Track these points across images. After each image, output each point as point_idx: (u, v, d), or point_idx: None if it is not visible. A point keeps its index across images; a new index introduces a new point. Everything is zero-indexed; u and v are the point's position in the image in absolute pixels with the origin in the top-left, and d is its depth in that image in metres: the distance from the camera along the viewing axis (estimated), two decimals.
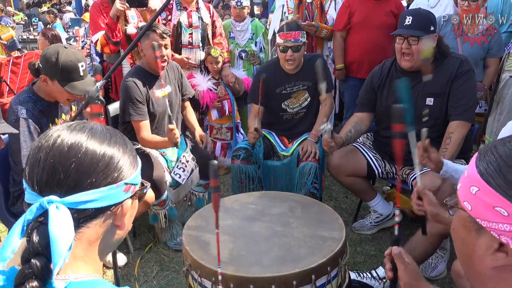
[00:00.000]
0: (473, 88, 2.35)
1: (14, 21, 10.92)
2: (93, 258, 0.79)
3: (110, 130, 0.82)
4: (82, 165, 0.74)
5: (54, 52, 2.01)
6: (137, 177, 0.83)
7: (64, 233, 0.68)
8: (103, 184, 0.75)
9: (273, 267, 1.52)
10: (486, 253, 0.74)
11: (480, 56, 3.27)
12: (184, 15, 3.38)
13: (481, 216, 0.74)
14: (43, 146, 0.75)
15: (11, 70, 4.10)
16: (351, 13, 3.43)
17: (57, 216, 0.69)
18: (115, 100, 3.14)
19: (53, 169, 0.72)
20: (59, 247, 0.67)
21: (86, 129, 0.78)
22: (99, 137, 0.78)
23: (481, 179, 0.74)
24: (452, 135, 2.25)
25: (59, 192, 0.72)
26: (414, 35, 2.26)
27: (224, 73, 3.58)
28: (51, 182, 0.72)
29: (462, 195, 0.79)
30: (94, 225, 0.76)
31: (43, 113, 2.10)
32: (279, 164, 2.82)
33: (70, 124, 0.79)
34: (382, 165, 2.63)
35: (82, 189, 0.73)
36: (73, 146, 0.74)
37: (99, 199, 0.74)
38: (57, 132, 0.77)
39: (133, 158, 0.82)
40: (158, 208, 2.62)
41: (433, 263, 2.36)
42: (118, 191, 0.77)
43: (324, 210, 1.89)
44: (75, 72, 2.03)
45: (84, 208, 0.73)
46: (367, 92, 2.62)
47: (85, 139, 0.76)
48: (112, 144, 0.79)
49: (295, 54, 2.73)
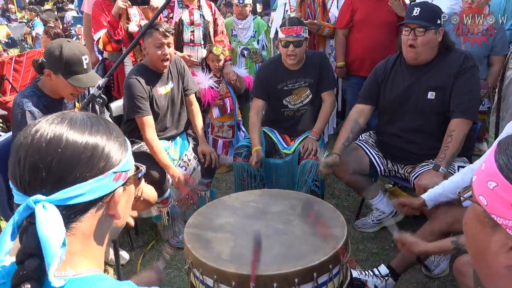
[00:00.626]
0: (477, 85, 2.34)
1: (17, 19, 10.94)
2: (92, 252, 0.77)
3: (92, 118, 0.77)
4: (63, 160, 0.70)
5: (57, 46, 2.03)
6: (128, 163, 0.79)
7: (54, 232, 0.66)
8: (89, 177, 0.71)
9: (275, 265, 1.52)
10: (500, 250, 0.71)
11: (482, 54, 3.25)
12: (185, 13, 3.38)
13: (497, 212, 0.70)
14: (22, 144, 0.71)
15: (14, 68, 4.12)
16: (353, 11, 3.42)
17: (44, 216, 0.66)
18: (117, 98, 3.15)
19: (35, 168, 0.69)
20: (50, 246, 0.65)
21: (65, 120, 0.74)
22: (79, 127, 0.74)
23: (500, 174, 0.70)
24: (453, 133, 2.25)
25: (44, 190, 0.69)
26: (421, 25, 2.26)
27: (225, 71, 3.58)
28: (34, 181, 0.69)
29: (478, 188, 0.75)
30: (86, 219, 0.74)
31: (47, 109, 2.10)
32: (281, 162, 2.82)
33: (49, 117, 0.75)
34: (384, 163, 2.63)
35: (68, 185, 0.70)
36: (52, 140, 0.71)
37: (86, 192, 0.71)
38: (35, 127, 0.73)
39: (120, 144, 0.78)
40: (160, 206, 2.63)
41: (435, 261, 2.35)
42: (106, 182, 0.74)
43: (326, 208, 1.89)
44: (78, 65, 2.04)
45: (72, 204, 0.71)
46: (370, 85, 2.61)
47: (64, 130, 0.72)
48: (94, 132, 0.74)
49: (297, 49, 2.73)
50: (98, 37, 3.15)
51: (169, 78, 2.74)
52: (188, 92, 2.90)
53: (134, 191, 0.84)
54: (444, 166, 2.22)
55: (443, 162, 2.22)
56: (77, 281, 0.71)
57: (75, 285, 0.71)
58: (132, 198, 0.84)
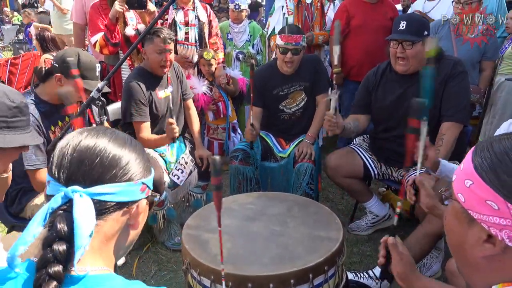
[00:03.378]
0: (466, 89, 2.38)
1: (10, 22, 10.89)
2: (107, 254, 0.83)
3: (131, 137, 0.89)
4: (105, 160, 0.80)
5: (74, 53, 2.12)
6: (151, 181, 0.89)
7: (87, 220, 0.73)
8: (122, 180, 0.81)
9: (271, 266, 1.54)
10: (476, 243, 0.79)
11: (478, 58, 3.30)
12: (180, 14, 3.40)
13: (473, 208, 0.78)
14: (70, 142, 0.81)
15: (9, 70, 4.11)
16: (349, 17, 3.45)
17: (81, 204, 0.74)
18: (114, 101, 3.16)
19: (80, 162, 0.78)
20: (82, 232, 0.72)
21: (108, 132, 0.85)
22: (120, 140, 0.85)
23: (476, 173, 0.77)
24: (444, 137, 2.28)
25: (82, 183, 0.77)
26: (408, 39, 2.30)
27: (217, 73, 3.58)
28: (76, 173, 0.78)
29: (457, 187, 0.82)
30: (111, 220, 0.81)
31: (45, 115, 2.11)
32: (276, 165, 2.85)
33: (93, 128, 0.87)
34: (378, 166, 2.66)
35: (104, 182, 0.78)
36: (98, 143, 0.81)
37: (118, 193, 0.80)
38: (82, 133, 0.83)
39: (148, 165, 0.88)
40: (156, 208, 2.64)
41: (428, 263, 2.39)
42: (135, 189, 0.83)
43: (322, 211, 1.91)
44: (93, 71, 2.15)
45: (104, 200, 0.78)
46: (362, 95, 2.65)
47: (107, 140, 0.83)
48: (132, 148, 0.85)
49: (294, 57, 2.75)
50: (95, 40, 3.16)
51: (169, 82, 2.76)
52: (186, 96, 2.93)
53: (147, 212, 0.91)
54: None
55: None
56: (93, 278, 0.76)
57: (91, 281, 0.75)
58: (146, 217, 0.91)
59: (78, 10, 3.55)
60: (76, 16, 3.58)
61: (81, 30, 3.64)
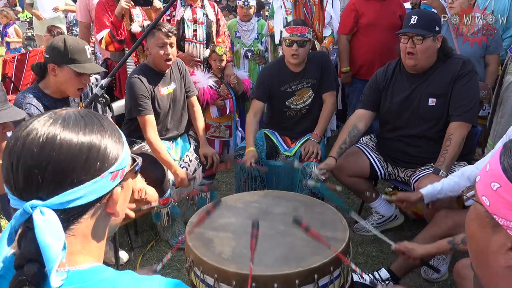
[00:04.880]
0: (475, 89, 2.36)
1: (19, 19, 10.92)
2: (92, 249, 0.76)
3: (85, 116, 0.74)
4: (59, 164, 0.67)
5: (60, 39, 2.09)
6: (124, 159, 0.76)
7: (53, 237, 0.64)
8: (86, 179, 0.69)
9: (276, 265, 1.52)
10: (499, 251, 0.72)
11: (480, 55, 3.26)
12: (188, 11, 3.39)
13: (499, 213, 0.71)
14: (14, 148, 0.68)
15: (16, 67, 4.12)
16: (357, 15, 3.42)
17: (43, 221, 0.64)
18: (119, 98, 3.15)
19: (29, 173, 0.67)
20: (50, 252, 0.63)
21: (58, 120, 0.71)
22: (72, 127, 0.70)
23: (504, 175, 0.71)
24: (452, 137, 2.26)
25: (40, 195, 0.67)
26: (419, 34, 2.27)
27: (227, 72, 3.58)
28: (29, 186, 0.67)
29: (481, 189, 0.76)
30: (85, 220, 0.73)
31: (49, 110, 2.10)
32: (281, 164, 2.83)
33: (41, 117, 0.72)
34: (384, 166, 2.63)
35: (65, 189, 0.68)
36: (46, 144, 0.68)
37: (84, 195, 0.69)
38: (26, 129, 0.70)
39: (115, 140, 0.75)
40: (161, 206, 2.62)
41: (434, 265, 2.35)
42: (104, 182, 0.72)
43: (328, 211, 1.89)
44: (83, 54, 2.10)
45: (70, 207, 0.69)
46: (371, 91, 2.62)
47: (58, 132, 0.69)
48: (88, 132, 0.71)
49: (300, 49, 2.73)
50: (100, 37, 3.16)
51: (172, 79, 2.75)
52: (190, 93, 2.91)
53: (131, 185, 0.82)
54: (444, 170, 2.22)
55: (443, 166, 2.23)
56: (78, 273, 0.70)
57: (77, 278, 0.70)
58: (130, 192, 0.82)
59: (82, 9, 3.59)
60: (81, 15, 3.62)
61: (86, 28, 3.69)
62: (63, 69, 2.06)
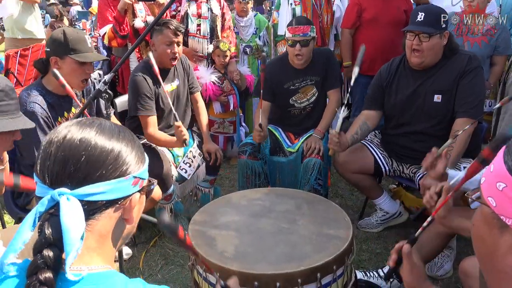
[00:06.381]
0: (481, 85, 2.33)
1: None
2: (106, 251, 0.81)
3: (119, 127, 0.84)
4: (92, 158, 0.75)
5: (59, 31, 2.09)
6: (145, 172, 0.85)
7: (76, 223, 0.70)
8: (112, 177, 0.77)
9: (278, 264, 1.52)
10: (507, 251, 0.72)
11: (485, 54, 3.22)
12: (193, 6, 3.37)
13: (506, 213, 0.70)
14: (53, 141, 0.76)
15: (19, 62, 4.11)
16: (360, 10, 3.39)
17: (68, 207, 0.71)
18: (122, 93, 3.14)
19: (64, 162, 0.74)
20: (71, 237, 0.69)
21: (95, 124, 0.80)
22: (108, 132, 0.80)
23: (510, 175, 0.70)
24: (457, 133, 2.23)
25: (69, 184, 0.74)
26: (426, 31, 2.24)
27: (230, 68, 3.57)
28: (62, 174, 0.74)
29: (487, 190, 0.75)
30: (103, 218, 0.78)
31: (52, 107, 2.10)
32: (284, 160, 2.82)
33: (80, 120, 0.81)
34: (389, 163, 2.61)
35: (92, 182, 0.75)
36: (83, 140, 0.76)
37: (108, 191, 0.76)
38: (67, 127, 0.78)
39: (140, 154, 0.84)
40: (164, 202, 2.62)
41: (439, 262, 2.34)
42: (126, 184, 0.79)
43: (331, 208, 1.88)
44: (84, 43, 2.10)
45: (94, 200, 0.75)
46: (375, 89, 2.59)
47: (94, 133, 0.78)
48: (120, 139, 0.81)
49: (304, 49, 2.69)
50: (103, 32, 3.15)
51: (175, 75, 2.73)
52: (193, 89, 2.89)
53: (144, 200, 0.89)
54: (450, 166, 2.20)
55: (448, 162, 2.20)
56: (92, 276, 0.74)
57: (91, 280, 0.74)
58: (142, 208, 0.89)
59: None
60: None
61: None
62: (66, 60, 2.05)
